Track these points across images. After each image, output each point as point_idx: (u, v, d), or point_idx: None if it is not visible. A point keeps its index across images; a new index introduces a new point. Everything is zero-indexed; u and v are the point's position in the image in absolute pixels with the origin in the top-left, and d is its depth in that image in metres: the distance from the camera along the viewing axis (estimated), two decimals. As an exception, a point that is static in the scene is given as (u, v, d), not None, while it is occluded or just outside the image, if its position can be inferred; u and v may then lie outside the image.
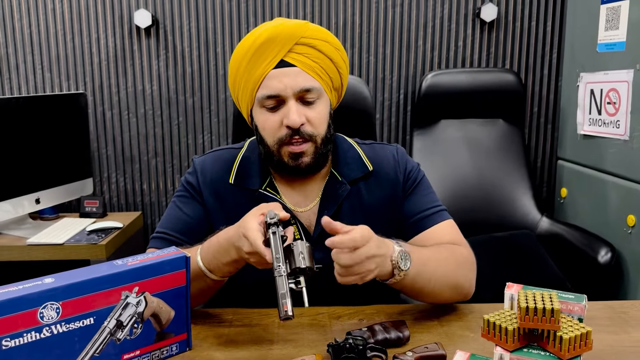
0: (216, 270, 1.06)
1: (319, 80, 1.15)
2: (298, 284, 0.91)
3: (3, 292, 0.82)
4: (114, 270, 0.91)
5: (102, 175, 2.61)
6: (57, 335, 0.85)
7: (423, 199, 1.24)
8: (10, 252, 2.11)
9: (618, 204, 2.03)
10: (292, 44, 1.12)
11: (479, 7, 2.48)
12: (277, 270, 0.89)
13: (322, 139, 1.16)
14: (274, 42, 1.12)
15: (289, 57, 1.12)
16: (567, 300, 0.84)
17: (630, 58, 1.94)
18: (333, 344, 0.95)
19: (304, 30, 1.14)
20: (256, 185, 1.21)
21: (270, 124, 1.15)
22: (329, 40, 1.16)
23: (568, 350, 0.77)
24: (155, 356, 0.98)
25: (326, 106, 1.18)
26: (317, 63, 1.14)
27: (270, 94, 1.13)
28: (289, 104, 1.12)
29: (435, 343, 0.98)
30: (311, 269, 0.93)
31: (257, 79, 1.13)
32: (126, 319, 0.92)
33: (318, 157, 1.17)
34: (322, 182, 1.23)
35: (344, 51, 1.20)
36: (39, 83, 2.53)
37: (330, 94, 1.20)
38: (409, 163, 1.27)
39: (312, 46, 1.14)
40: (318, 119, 1.15)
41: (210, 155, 1.28)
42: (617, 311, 1.17)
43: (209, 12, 2.50)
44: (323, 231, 1.18)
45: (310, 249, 0.96)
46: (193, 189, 1.23)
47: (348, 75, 1.25)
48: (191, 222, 1.21)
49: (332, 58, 1.16)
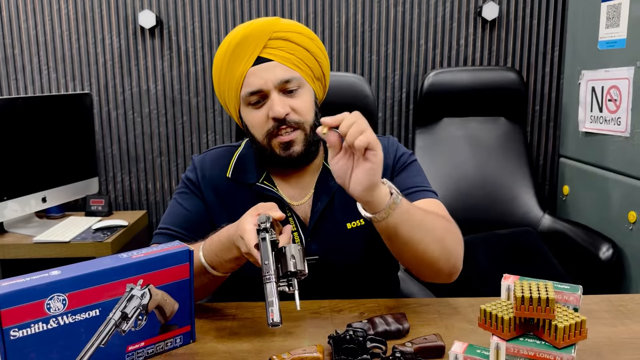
0: (218, 267, 1.08)
1: (298, 71, 1.17)
2: (291, 287, 0.92)
3: (11, 284, 0.84)
4: (119, 263, 0.93)
5: (108, 175, 2.64)
6: (64, 326, 0.87)
7: (410, 179, 1.24)
8: (18, 250, 2.14)
9: (619, 201, 2.05)
10: (266, 40, 1.15)
11: (481, 6, 2.50)
12: (266, 276, 0.90)
13: (310, 126, 1.18)
14: (248, 40, 1.15)
15: (265, 53, 1.16)
16: (562, 290, 0.85)
17: (631, 55, 1.95)
18: (334, 335, 0.96)
19: (275, 25, 1.17)
20: (253, 179, 1.24)
21: (257, 120, 1.18)
22: (301, 31, 1.19)
23: (563, 338, 0.78)
24: (160, 347, 1.00)
25: (310, 95, 1.20)
26: (294, 54, 1.17)
27: (252, 90, 1.16)
28: (272, 97, 1.15)
29: (434, 334, 1.00)
30: (302, 271, 0.94)
31: (238, 78, 1.17)
32: (131, 311, 0.94)
33: (308, 145, 1.19)
34: (316, 174, 1.26)
35: (319, 40, 1.22)
36: (45, 83, 2.56)
37: (313, 84, 1.22)
38: (400, 150, 1.29)
39: (285, 39, 1.17)
40: (303, 107, 1.17)
41: (209, 153, 1.31)
42: (616, 304, 1.18)
43: (213, 13, 2.52)
44: (318, 222, 1.22)
45: (303, 251, 0.96)
46: (193, 185, 1.26)
47: (329, 65, 1.27)
48: (192, 217, 1.23)
49: (308, 48, 1.19)
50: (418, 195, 1.20)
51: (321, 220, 1.22)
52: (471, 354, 0.84)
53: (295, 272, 0.93)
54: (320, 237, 1.22)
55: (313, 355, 0.94)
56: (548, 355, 0.79)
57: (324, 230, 1.22)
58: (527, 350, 0.80)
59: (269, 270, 0.90)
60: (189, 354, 1.00)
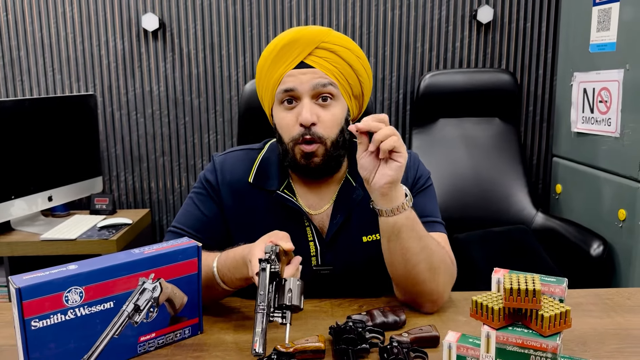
0: (228, 282, 1.10)
1: (337, 83, 1.17)
2: (284, 319, 0.92)
3: (32, 277, 0.89)
4: (131, 258, 0.98)
5: (112, 174, 2.68)
6: (81, 318, 0.92)
7: (424, 206, 1.23)
8: (25, 248, 2.18)
9: (610, 199, 2.10)
10: (313, 48, 1.16)
11: (476, 9, 2.55)
12: (259, 306, 0.90)
13: (332, 142, 1.17)
14: (296, 44, 1.16)
15: (309, 60, 1.16)
16: (549, 282, 0.91)
17: (621, 58, 2.01)
18: (334, 326, 1.01)
19: (326, 36, 1.18)
20: (274, 186, 1.23)
21: (286, 121, 1.18)
22: (350, 47, 1.19)
23: (549, 327, 0.83)
24: (170, 338, 1.05)
25: (341, 110, 1.19)
26: (336, 68, 1.17)
27: (286, 88, 1.16)
28: (303, 102, 1.15)
29: (430, 325, 1.05)
30: (298, 307, 0.94)
31: (277, 77, 1.18)
32: (143, 303, 0.99)
33: (328, 159, 1.18)
34: (337, 186, 1.26)
35: (366, 60, 1.22)
36: (50, 85, 2.61)
37: (350, 102, 1.21)
38: (420, 169, 1.29)
39: (332, 51, 1.17)
40: (330, 121, 1.17)
41: (231, 155, 1.29)
42: (603, 298, 1.23)
43: (214, 16, 2.57)
44: (336, 234, 1.22)
45: (302, 286, 0.96)
46: (211, 187, 1.25)
47: (371, 86, 1.27)
48: (206, 220, 1.24)
49: (352, 65, 1.18)
50: (428, 227, 1.18)
51: (338, 232, 1.22)
52: (464, 342, 0.89)
53: (289, 306, 0.93)
54: (336, 248, 1.23)
55: (315, 344, 0.98)
56: (535, 342, 0.84)
57: (340, 242, 1.23)
58: (516, 338, 0.85)
59: (263, 301, 0.91)
60: (197, 345, 1.04)
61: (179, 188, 2.71)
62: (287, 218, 1.23)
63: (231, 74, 2.61)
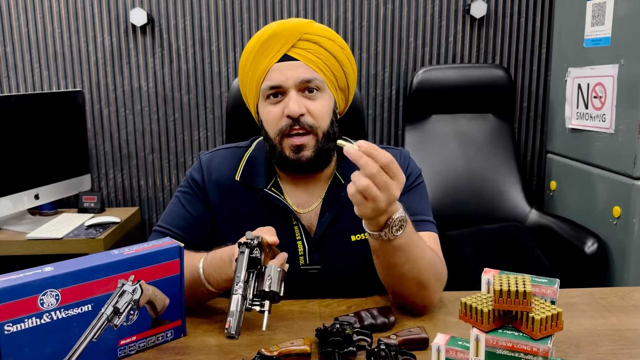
0: (214, 283, 1.08)
1: (322, 75, 1.16)
2: (262, 306, 0.90)
3: (5, 280, 0.86)
4: (110, 259, 0.95)
5: (100, 172, 2.65)
6: (57, 321, 0.89)
7: (414, 204, 1.20)
8: (10, 247, 2.16)
9: (604, 196, 2.08)
10: (296, 40, 1.15)
11: (469, 4, 2.52)
12: (234, 288, 0.88)
13: (323, 132, 1.16)
14: (278, 37, 1.15)
15: (292, 52, 1.15)
16: (540, 284, 0.88)
17: (615, 53, 1.99)
18: (321, 328, 0.99)
19: (308, 27, 1.16)
20: (261, 184, 1.22)
21: (272, 115, 1.16)
22: (333, 38, 1.18)
23: (540, 330, 0.81)
24: (151, 342, 1.02)
25: (329, 102, 1.18)
26: (320, 59, 1.16)
27: (272, 85, 1.15)
28: (290, 94, 1.14)
29: (419, 327, 1.02)
30: (277, 294, 0.92)
31: (261, 72, 1.16)
32: (122, 305, 0.96)
33: (319, 151, 1.17)
34: (326, 184, 1.24)
35: (349, 51, 1.21)
36: (36, 81, 2.57)
37: (336, 94, 1.20)
38: (411, 166, 1.27)
39: (315, 42, 1.16)
40: (319, 111, 1.16)
41: (218, 153, 1.28)
42: (596, 297, 1.21)
43: (204, 11, 2.54)
44: (324, 233, 1.21)
45: (283, 274, 0.95)
46: (197, 186, 1.24)
47: (355, 78, 1.25)
48: (193, 220, 1.22)
49: (336, 56, 1.17)
50: (419, 227, 1.16)
51: (327, 231, 1.21)
52: (453, 345, 0.86)
53: (268, 293, 0.91)
54: (324, 247, 1.22)
55: (301, 347, 0.96)
56: (525, 346, 0.81)
57: (329, 241, 1.22)
58: (506, 341, 0.82)
59: (238, 282, 0.88)
60: (180, 348, 1.02)
61: (168, 186, 2.68)
62: (275, 216, 1.21)
63: (221, 69, 2.58)
